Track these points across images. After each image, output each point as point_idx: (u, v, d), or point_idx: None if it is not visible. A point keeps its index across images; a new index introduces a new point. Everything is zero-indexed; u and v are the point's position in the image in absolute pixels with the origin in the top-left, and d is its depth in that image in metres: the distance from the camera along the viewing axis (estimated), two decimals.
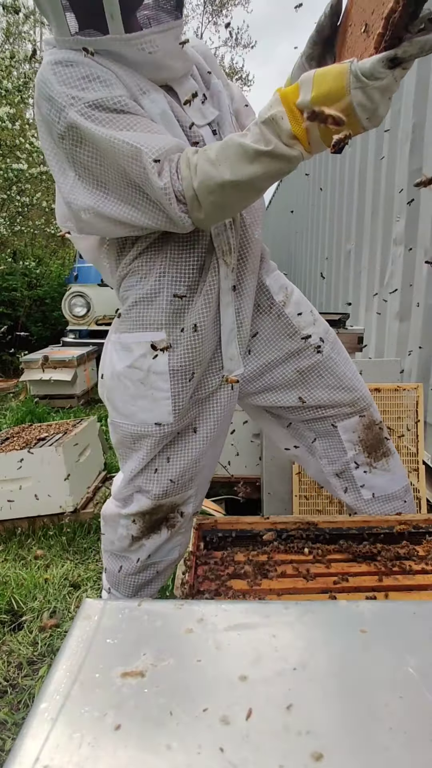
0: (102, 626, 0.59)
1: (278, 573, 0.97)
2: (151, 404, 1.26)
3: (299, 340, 1.38)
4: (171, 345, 1.24)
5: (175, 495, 1.34)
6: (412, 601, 0.85)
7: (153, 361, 1.24)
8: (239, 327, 1.32)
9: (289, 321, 1.38)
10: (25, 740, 0.45)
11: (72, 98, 1.04)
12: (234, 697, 0.49)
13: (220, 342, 1.31)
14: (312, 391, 1.39)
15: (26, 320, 7.64)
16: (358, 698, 0.49)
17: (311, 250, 6.43)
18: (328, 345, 1.40)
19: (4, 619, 2.01)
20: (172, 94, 1.18)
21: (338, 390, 1.39)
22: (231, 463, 2.65)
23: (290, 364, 1.39)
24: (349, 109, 0.91)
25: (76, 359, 5.12)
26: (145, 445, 1.30)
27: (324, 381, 1.39)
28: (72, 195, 1.13)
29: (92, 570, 2.34)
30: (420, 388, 2.19)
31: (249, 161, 0.99)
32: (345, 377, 1.40)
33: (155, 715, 0.48)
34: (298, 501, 2.16)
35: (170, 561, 1.42)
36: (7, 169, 7.22)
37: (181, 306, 1.23)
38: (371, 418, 1.42)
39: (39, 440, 2.82)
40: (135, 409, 1.28)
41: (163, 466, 1.31)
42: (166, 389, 1.25)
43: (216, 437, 1.39)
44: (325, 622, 0.60)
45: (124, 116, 1.06)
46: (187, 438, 1.33)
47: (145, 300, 1.24)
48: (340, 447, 1.41)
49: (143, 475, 1.32)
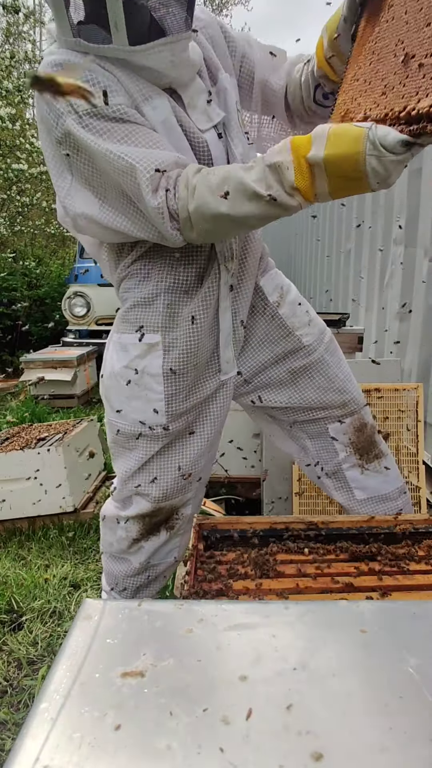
0: (102, 626, 0.59)
1: (278, 573, 0.97)
2: (144, 405, 1.27)
3: (292, 341, 1.38)
4: (166, 349, 1.23)
5: (174, 498, 1.34)
6: (412, 601, 0.85)
7: (148, 362, 1.24)
8: (235, 330, 1.32)
9: (283, 322, 1.38)
10: (25, 740, 0.45)
11: (70, 105, 1.03)
12: (234, 697, 0.49)
13: (218, 346, 1.31)
14: (302, 392, 1.40)
15: (26, 320, 7.63)
16: (358, 698, 0.49)
17: (311, 251, 6.42)
18: (322, 346, 1.40)
19: (4, 619, 2.01)
20: (176, 98, 1.15)
21: (328, 392, 1.39)
22: (231, 464, 2.65)
23: (283, 364, 1.39)
24: (361, 173, 0.91)
25: (76, 359, 5.12)
26: (139, 446, 1.30)
27: (315, 382, 1.39)
28: (68, 200, 1.13)
29: (92, 570, 2.34)
30: (420, 388, 2.18)
31: (247, 199, 0.99)
32: (337, 379, 1.39)
33: (155, 715, 0.48)
34: (298, 501, 2.16)
35: (168, 563, 1.41)
36: (7, 169, 7.22)
37: (178, 309, 1.23)
38: (362, 420, 1.42)
39: (39, 440, 2.82)
40: (129, 409, 1.29)
41: (161, 470, 1.31)
42: (159, 391, 1.25)
43: (213, 439, 1.39)
44: (325, 622, 0.60)
45: (123, 125, 1.04)
46: (185, 441, 1.33)
47: (142, 303, 1.25)
48: (331, 449, 1.42)
49: (140, 477, 1.32)
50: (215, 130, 1.20)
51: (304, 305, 1.43)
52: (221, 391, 1.36)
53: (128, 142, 1.03)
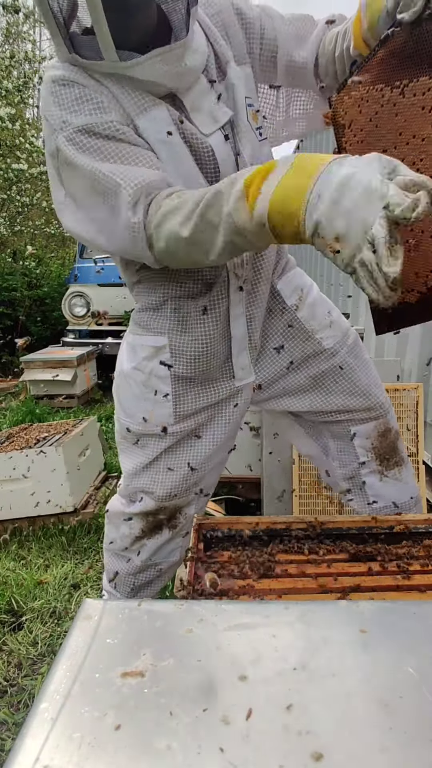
0: (102, 626, 0.59)
1: (278, 573, 0.97)
2: (152, 406, 1.27)
3: (312, 345, 1.34)
4: (174, 353, 1.23)
5: (179, 498, 1.34)
6: (412, 601, 0.85)
7: (155, 364, 1.24)
8: (250, 336, 1.29)
9: (302, 326, 1.34)
10: (25, 740, 0.45)
11: (63, 122, 1.04)
12: (234, 697, 0.49)
13: (231, 352, 1.29)
14: (327, 396, 1.36)
15: (26, 320, 7.64)
16: (358, 698, 0.49)
17: (311, 251, 6.42)
18: (345, 349, 1.36)
19: (4, 619, 2.01)
20: (178, 103, 1.11)
21: (353, 396, 1.35)
22: (231, 464, 2.64)
23: (303, 370, 1.36)
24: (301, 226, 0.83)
25: (76, 359, 5.12)
26: (146, 445, 1.30)
27: (339, 386, 1.35)
28: (60, 213, 1.14)
29: (92, 570, 2.34)
30: (420, 388, 2.19)
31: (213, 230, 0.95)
32: (361, 383, 1.36)
33: (155, 715, 0.48)
34: (298, 501, 2.16)
35: (171, 563, 1.41)
36: (7, 169, 7.22)
37: (186, 314, 1.22)
38: (387, 425, 1.39)
39: (39, 440, 2.82)
40: (137, 409, 1.29)
41: (166, 470, 1.31)
42: (167, 392, 1.25)
43: (224, 443, 1.38)
44: (325, 622, 0.60)
45: (113, 144, 1.04)
46: (192, 442, 1.32)
47: (151, 307, 1.25)
48: (352, 451, 1.39)
49: (146, 475, 1.32)
50: (221, 131, 1.15)
51: (324, 305, 1.39)
52: (236, 397, 1.33)
53: (117, 160, 1.03)
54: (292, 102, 1.34)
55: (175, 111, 1.10)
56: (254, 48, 1.22)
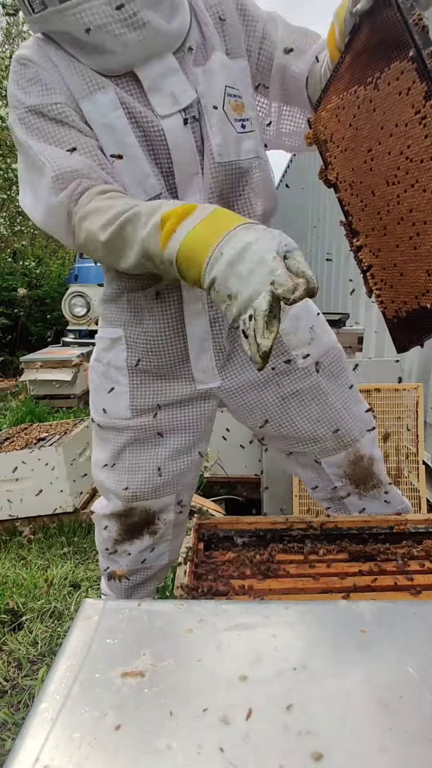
0: (102, 626, 0.59)
1: (278, 573, 0.97)
2: (112, 397, 1.27)
3: (287, 361, 1.24)
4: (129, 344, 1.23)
5: (145, 499, 1.30)
6: (412, 601, 0.85)
7: (113, 355, 1.25)
8: (214, 338, 1.21)
9: (280, 339, 1.23)
10: (25, 740, 0.45)
11: (17, 101, 1.07)
12: (234, 697, 0.49)
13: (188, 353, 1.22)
14: (292, 420, 1.27)
15: (26, 320, 7.64)
16: (358, 698, 0.49)
17: (313, 251, 6.42)
18: (322, 370, 1.26)
19: (4, 619, 2.01)
20: (134, 81, 1.06)
21: (320, 423, 1.26)
22: (231, 464, 2.65)
23: (272, 387, 1.26)
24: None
25: (76, 359, 5.12)
26: (107, 439, 1.31)
27: (306, 411, 1.26)
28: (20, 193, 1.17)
29: (92, 570, 2.34)
30: (420, 388, 2.19)
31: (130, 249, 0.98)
32: (331, 408, 1.26)
33: (155, 715, 0.48)
34: (298, 501, 2.16)
35: (160, 566, 1.39)
36: (7, 169, 7.22)
37: (139, 308, 1.20)
38: (358, 453, 1.30)
39: (39, 440, 2.82)
40: (98, 401, 1.30)
41: (129, 468, 1.29)
42: (125, 383, 1.25)
43: (190, 446, 1.31)
44: (325, 622, 0.60)
45: (54, 127, 1.06)
46: (154, 441, 1.28)
47: (111, 299, 1.26)
48: (326, 478, 1.33)
49: (112, 473, 1.31)
50: (181, 114, 1.08)
51: (308, 319, 1.28)
52: (201, 403, 1.28)
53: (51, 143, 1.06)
54: (284, 117, 1.30)
55: (123, 93, 1.06)
56: (253, 48, 1.19)
